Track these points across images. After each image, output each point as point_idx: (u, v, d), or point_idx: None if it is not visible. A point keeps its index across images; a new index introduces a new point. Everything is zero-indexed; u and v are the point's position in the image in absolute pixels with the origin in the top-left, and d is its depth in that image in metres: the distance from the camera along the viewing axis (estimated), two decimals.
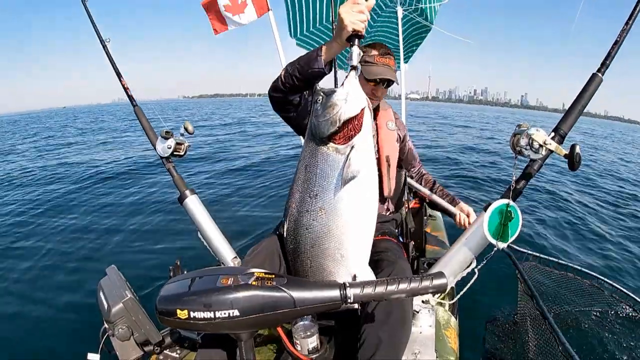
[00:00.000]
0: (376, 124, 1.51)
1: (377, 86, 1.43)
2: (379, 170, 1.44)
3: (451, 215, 1.70)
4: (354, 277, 1.01)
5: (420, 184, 1.80)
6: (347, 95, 0.95)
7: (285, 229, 1.10)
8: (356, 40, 0.96)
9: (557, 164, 7.27)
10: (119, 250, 3.49)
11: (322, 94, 0.98)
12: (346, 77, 0.97)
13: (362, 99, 0.97)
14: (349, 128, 0.96)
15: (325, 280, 1.02)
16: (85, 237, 3.79)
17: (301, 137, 1.38)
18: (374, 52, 1.42)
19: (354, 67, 0.96)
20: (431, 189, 1.77)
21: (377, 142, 1.50)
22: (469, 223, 1.59)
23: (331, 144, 0.98)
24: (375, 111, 1.53)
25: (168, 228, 3.95)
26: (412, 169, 1.79)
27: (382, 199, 1.51)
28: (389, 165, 1.48)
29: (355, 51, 0.96)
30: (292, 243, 1.08)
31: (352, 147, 0.96)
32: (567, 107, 1.18)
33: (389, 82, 1.44)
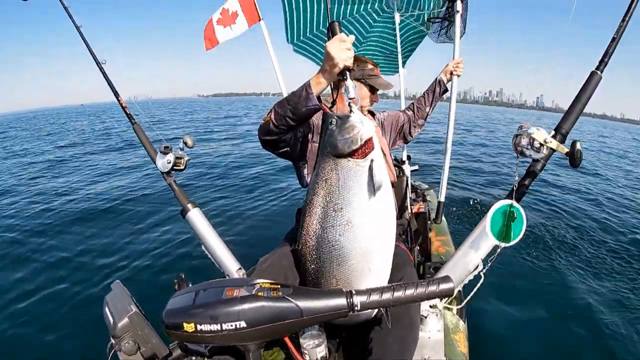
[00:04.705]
0: None
1: (375, 92, 1.55)
2: None
3: (446, 84, 1.96)
4: None
5: (414, 111, 1.90)
6: (361, 119, 1.02)
7: (304, 247, 1.07)
8: (347, 73, 1.03)
9: None
10: (124, 265, 3.48)
11: (335, 117, 1.04)
12: (350, 111, 1.02)
13: (372, 123, 1.06)
14: (367, 146, 1.01)
15: (331, 288, 1.01)
16: (90, 253, 3.78)
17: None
18: (371, 66, 1.52)
19: (352, 99, 1.03)
20: (422, 102, 1.91)
21: None
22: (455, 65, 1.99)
23: (352, 159, 1.01)
24: None
25: (171, 242, 3.95)
26: (409, 118, 1.87)
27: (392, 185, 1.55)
28: (384, 155, 1.51)
29: (351, 84, 1.03)
30: (313, 262, 1.05)
31: (372, 160, 1.01)
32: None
33: None
